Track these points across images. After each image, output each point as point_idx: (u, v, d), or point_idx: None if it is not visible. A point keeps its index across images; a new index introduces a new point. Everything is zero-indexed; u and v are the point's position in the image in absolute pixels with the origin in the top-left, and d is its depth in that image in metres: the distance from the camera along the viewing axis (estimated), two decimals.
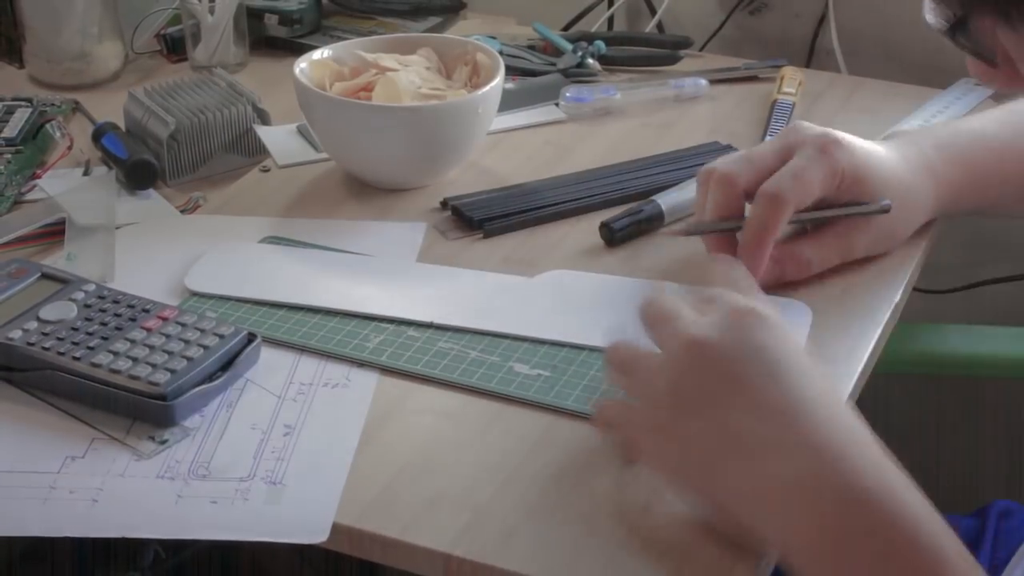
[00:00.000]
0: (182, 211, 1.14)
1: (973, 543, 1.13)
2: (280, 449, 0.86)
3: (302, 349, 0.95)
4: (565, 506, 0.82)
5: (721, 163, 1.00)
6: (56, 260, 1.05)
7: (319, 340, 0.96)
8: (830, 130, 1.00)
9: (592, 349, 0.94)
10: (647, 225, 1.08)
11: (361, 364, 0.94)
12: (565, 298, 1.01)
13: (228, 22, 1.36)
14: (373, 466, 0.85)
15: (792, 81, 1.31)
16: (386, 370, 0.94)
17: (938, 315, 1.48)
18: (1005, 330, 1.37)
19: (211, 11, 1.35)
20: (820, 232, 1.02)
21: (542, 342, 0.95)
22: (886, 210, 1.01)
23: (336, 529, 0.80)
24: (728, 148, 1.19)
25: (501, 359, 0.94)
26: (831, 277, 1.03)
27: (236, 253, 1.07)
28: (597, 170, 1.17)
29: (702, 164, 1.04)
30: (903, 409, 1.54)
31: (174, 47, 1.41)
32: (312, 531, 0.80)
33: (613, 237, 1.07)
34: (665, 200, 1.09)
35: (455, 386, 0.92)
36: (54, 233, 1.09)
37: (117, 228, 1.10)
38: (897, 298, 1.02)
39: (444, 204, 1.12)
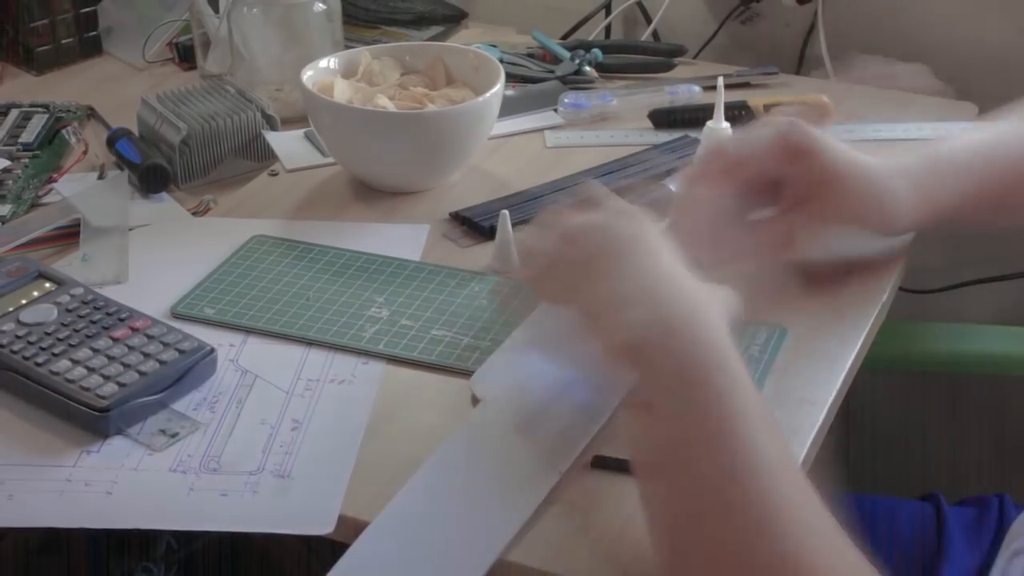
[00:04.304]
0: (193, 213, 1.16)
1: (975, 529, 1.15)
2: (288, 443, 0.88)
3: (303, 342, 0.98)
4: (563, 499, 0.83)
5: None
6: (72, 261, 1.07)
7: (316, 332, 0.99)
8: (798, 121, 1.00)
9: None
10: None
11: (365, 359, 0.96)
12: None
13: None
14: (378, 459, 0.87)
15: None
16: (389, 360, 0.96)
17: (923, 315, 1.49)
18: (988, 328, 1.39)
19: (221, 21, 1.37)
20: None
21: None
22: None
23: (342, 520, 0.82)
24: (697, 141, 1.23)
25: (492, 344, 0.97)
26: (822, 277, 1.05)
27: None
28: (593, 169, 1.20)
29: (685, 155, 1.19)
30: (890, 404, 1.55)
31: (186, 55, 1.43)
32: (319, 523, 0.82)
33: None
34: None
35: (452, 373, 0.95)
36: (70, 235, 1.11)
37: (130, 230, 1.12)
38: (884, 298, 1.04)
39: (454, 216, 1.13)
